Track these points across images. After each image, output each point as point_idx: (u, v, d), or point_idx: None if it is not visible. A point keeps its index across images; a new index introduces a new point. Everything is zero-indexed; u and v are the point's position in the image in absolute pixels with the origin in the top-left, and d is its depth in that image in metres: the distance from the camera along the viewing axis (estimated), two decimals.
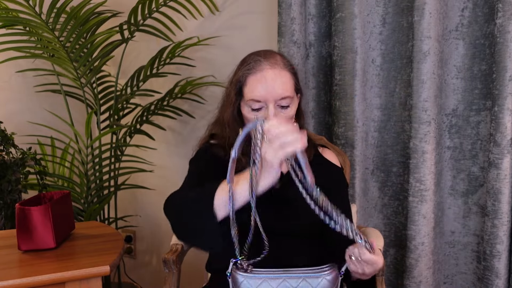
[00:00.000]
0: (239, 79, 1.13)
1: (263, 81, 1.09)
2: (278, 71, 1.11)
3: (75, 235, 1.34)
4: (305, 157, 0.90)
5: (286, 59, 1.17)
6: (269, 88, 1.09)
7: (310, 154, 1.22)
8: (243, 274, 0.99)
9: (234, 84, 1.15)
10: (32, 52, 1.85)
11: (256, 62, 1.12)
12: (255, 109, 1.11)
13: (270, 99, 1.09)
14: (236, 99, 1.15)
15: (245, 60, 1.16)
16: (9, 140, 1.74)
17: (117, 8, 2.03)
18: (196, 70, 2.08)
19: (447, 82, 1.54)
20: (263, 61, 1.12)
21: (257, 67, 1.11)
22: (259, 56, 1.13)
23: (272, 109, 1.10)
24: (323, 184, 1.20)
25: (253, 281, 0.98)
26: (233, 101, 1.15)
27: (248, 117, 1.14)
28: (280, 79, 1.10)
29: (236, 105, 1.16)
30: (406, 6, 1.55)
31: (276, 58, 1.14)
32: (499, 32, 1.37)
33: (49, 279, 1.06)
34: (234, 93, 1.15)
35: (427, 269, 1.55)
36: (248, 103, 1.12)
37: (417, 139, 1.50)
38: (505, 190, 1.41)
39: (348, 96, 1.60)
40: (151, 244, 2.41)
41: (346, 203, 1.26)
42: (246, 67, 1.13)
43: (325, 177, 1.22)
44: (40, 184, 1.82)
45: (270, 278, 0.98)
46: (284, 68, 1.12)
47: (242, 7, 1.97)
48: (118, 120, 2.04)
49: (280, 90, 1.09)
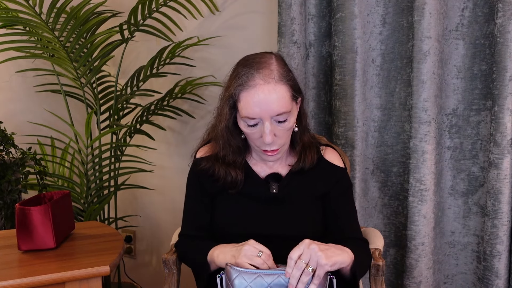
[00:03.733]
0: (232, 95, 1.08)
1: (256, 98, 1.04)
2: (273, 86, 1.05)
3: (75, 235, 1.34)
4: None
5: (282, 66, 1.10)
6: (263, 105, 1.04)
7: (314, 158, 1.21)
8: (237, 269, 0.99)
9: (226, 99, 1.11)
10: (32, 52, 1.85)
11: (248, 76, 1.06)
12: (251, 125, 1.08)
13: (265, 116, 1.05)
14: (231, 113, 1.12)
15: (237, 72, 1.09)
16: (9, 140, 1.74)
17: (117, 8, 2.03)
18: (196, 70, 2.08)
19: (447, 82, 1.54)
20: (256, 74, 1.05)
21: (250, 82, 1.05)
22: (251, 69, 1.06)
23: (268, 126, 1.06)
24: (328, 190, 1.21)
25: (248, 276, 0.98)
26: (227, 116, 1.12)
27: (245, 132, 1.12)
28: (275, 94, 1.04)
29: (231, 119, 1.13)
30: (406, 6, 1.55)
31: (271, 68, 1.07)
32: (499, 32, 1.37)
33: (49, 279, 1.06)
34: (228, 108, 1.11)
35: (427, 269, 1.55)
36: (243, 119, 1.09)
37: (417, 139, 1.50)
38: (505, 190, 1.41)
39: (348, 96, 1.60)
40: (151, 244, 2.41)
41: (351, 205, 1.25)
42: (238, 81, 1.07)
43: (329, 182, 1.22)
44: (40, 184, 1.82)
45: (264, 274, 0.98)
46: (279, 81, 1.06)
47: (242, 7, 1.97)
48: (118, 120, 2.04)
49: (276, 107, 1.05)
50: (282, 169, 1.22)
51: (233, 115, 1.13)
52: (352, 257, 1.02)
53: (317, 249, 0.96)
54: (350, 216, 1.22)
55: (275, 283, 0.98)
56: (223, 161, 1.18)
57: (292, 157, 1.23)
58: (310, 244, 0.97)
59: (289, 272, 0.96)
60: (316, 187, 1.20)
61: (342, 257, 0.99)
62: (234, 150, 1.18)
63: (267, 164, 1.22)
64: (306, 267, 0.95)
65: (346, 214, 1.21)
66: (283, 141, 1.12)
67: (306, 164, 1.19)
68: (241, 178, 1.18)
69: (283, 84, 1.06)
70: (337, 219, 1.20)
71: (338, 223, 1.20)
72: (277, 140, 1.10)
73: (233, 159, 1.18)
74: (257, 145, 1.13)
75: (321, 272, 0.95)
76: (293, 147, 1.22)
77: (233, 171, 1.17)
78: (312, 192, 1.20)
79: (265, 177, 1.20)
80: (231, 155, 1.18)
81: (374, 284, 1.24)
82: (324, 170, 1.22)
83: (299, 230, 1.16)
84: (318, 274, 0.95)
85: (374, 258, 1.24)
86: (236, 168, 1.18)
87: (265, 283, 0.98)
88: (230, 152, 1.18)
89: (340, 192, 1.22)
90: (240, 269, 0.99)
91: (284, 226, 1.17)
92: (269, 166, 1.22)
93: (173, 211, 2.27)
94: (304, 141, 1.21)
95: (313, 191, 1.20)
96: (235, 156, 1.18)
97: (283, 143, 1.13)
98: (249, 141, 1.15)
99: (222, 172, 1.18)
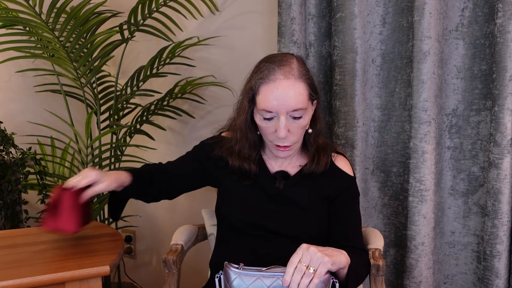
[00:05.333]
0: (252, 87, 1.12)
1: (276, 92, 1.07)
2: (292, 82, 1.08)
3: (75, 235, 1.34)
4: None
5: (302, 66, 1.14)
6: (281, 99, 1.07)
7: (327, 162, 1.22)
8: (237, 271, 0.99)
9: (247, 92, 1.14)
10: (32, 52, 1.85)
11: (270, 71, 1.09)
12: (267, 118, 1.11)
13: (282, 110, 1.08)
14: (249, 106, 1.15)
15: (259, 67, 1.13)
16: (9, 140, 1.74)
17: (117, 8, 2.03)
18: (196, 70, 2.08)
19: (447, 82, 1.54)
20: (277, 69, 1.09)
21: (270, 76, 1.09)
22: (273, 64, 1.10)
23: (283, 121, 1.09)
24: (335, 196, 1.21)
25: (247, 279, 0.98)
26: (246, 109, 1.15)
27: (260, 125, 1.14)
28: (294, 90, 1.08)
29: (249, 112, 1.16)
30: (406, 6, 1.55)
31: (292, 66, 1.11)
32: (499, 32, 1.37)
33: (49, 279, 1.06)
34: (247, 101, 1.14)
35: (427, 269, 1.55)
36: (260, 112, 1.11)
37: (417, 139, 1.50)
38: (505, 190, 1.41)
39: (348, 96, 1.60)
40: (151, 244, 2.41)
41: (357, 215, 1.25)
42: (260, 75, 1.10)
43: (338, 188, 1.22)
44: (40, 184, 1.82)
45: (264, 276, 0.98)
46: (299, 78, 1.09)
47: (242, 7, 1.97)
48: (118, 120, 2.04)
49: (293, 102, 1.07)
50: (291, 169, 1.23)
51: (251, 108, 1.15)
52: (348, 259, 1.02)
53: (316, 250, 0.96)
54: (354, 225, 1.22)
55: (274, 285, 0.97)
56: (238, 155, 1.20)
57: (303, 159, 1.24)
58: (308, 247, 0.96)
59: (287, 280, 0.94)
60: (323, 190, 1.21)
61: (339, 258, 0.99)
62: (251, 144, 1.20)
63: (278, 161, 1.23)
64: (307, 269, 0.95)
65: (350, 223, 1.22)
66: (296, 138, 1.14)
67: (320, 166, 1.20)
68: (255, 171, 1.20)
69: (302, 81, 1.10)
70: (341, 226, 1.20)
71: (341, 230, 1.20)
72: (290, 137, 1.12)
73: (248, 153, 1.20)
74: (270, 140, 1.15)
75: (323, 270, 0.95)
76: (305, 149, 1.23)
77: (247, 164, 1.19)
78: (319, 195, 1.21)
79: (274, 173, 1.22)
80: (247, 150, 1.20)
81: (374, 284, 1.25)
82: (333, 175, 1.23)
83: (301, 231, 1.16)
84: (320, 271, 0.95)
85: (374, 258, 1.25)
86: (251, 162, 1.20)
87: (264, 285, 0.98)
88: (246, 146, 1.20)
89: (347, 200, 1.23)
90: (239, 271, 0.99)
91: (287, 225, 1.17)
92: (279, 164, 1.23)
93: (173, 211, 2.27)
94: (318, 143, 1.22)
95: (320, 194, 1.21)
96: (251, 151, 1.20)
97: (296, 140, 1.15)
98: (263, 135, 1.17)
99: (236, 165, 1.20)
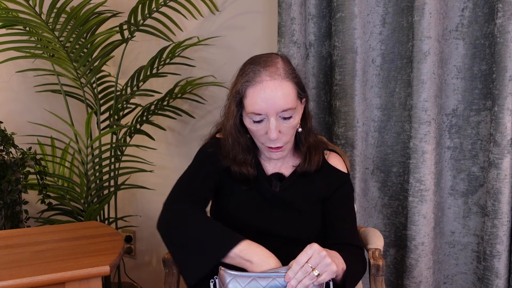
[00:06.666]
0: (239, 91, 1.10)
1: (263, 94, 1.06)
2: (279, 82, 1.07)
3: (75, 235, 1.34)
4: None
5: (288, 65, 1.12)
6: (269, 101, 1.06)
7: (320, 160, 1.21)
8: (231, 273, 0.98)
9: (233, 96, 1.13)
10: (32, 52, 1.85)
11: (255, 72, 1.08)
12: (257, 121, 1.10)
13: (271, 112, 1.07)
14: (237, 110, 1.14)
15: (244, 70, 1.12)
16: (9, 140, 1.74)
17: (117, 8, 2.03)
18: (196, 70, 2.08)
19: (447, 82, 1.54)
20: (262, 71, 1.07)
21: (256, 78, 1.07)
22: (258, 65, 1.09)
23: (273, 122, 1.08)
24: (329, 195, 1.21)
25: (242, 280, 0.97)
26: (234, 113, 1.14)
27: (250, 128, 1.13)
28: (281, 91, 1.06)
29: (238, 116, 1.15)
30: (406, 6, 1.55)
31: (277, 65, 1.09)
32: (499, 32, 1.37)
33: (49, 279, 1.06)
34: (235, 105, 1.13)
35: (427, 269, 1.55)
36: (249, 115, 1.10)
37: (417, 139, 1.50)
38: (505, 190, 1.41)
39: (348, 96, 1.60)
40: (151, 244, 2.41)
41: (351, 211, 1.25)
42: (245, 77, 1.09)
43: (332, 187, 1.22)
44: (40, 184, 1.82)
45: (259, 277, 0.98)
46: (285, 78, 1.08)
47: (242, 7, 1.97)
48: (118, 120, 2.04)
49: (281, 103, 1.06)
50: (285, 170, 1.22)
51: (239, 112, 1.14)
52: (343, 267, 1.02)
53: (326, 255, 0.96)
54: (348, 221, 1.22)
55: (270, 286, 0.97)
56: (235, 160, 1.19)
57: (296, 158, 1.24)
58: (320, 251, 0.96)
59: (290, 276, 0.95)
60: (318, 190, 1.21)
61: (339, 266, 1.00)
62: (244, 148, 1.19)
63: (272, 163, 1.23)
64: (312, 270, 0.95)
65: (344, 219, 1.21)
66: (287, 139, 1.13)
67: (312, 165, 1.19)
68: (254, 175, 1.19)
69: (288, 81, 1.08)
70: (335, 223, 1.20)
71: (336, 227, 1.20)
72: (282, 137, 1.12)
73: (243, 157, 1.19)
74: (262, 142, 1.14)
75: (326, 278, 0.96)
76: (298, 149, 1.23)
77: (245, 169, 1.18)
78: (314, 195, 1.20)
79: (269, 175, 1.21)
80: (241, 154, 1.19)
81: (374, 284, 1.25)
82: (327, 174, 1.23)
83: (299, 232, 1.16)
84: (323, 278, 0.96)
85: (374, 258, 1.24)
86: (248, 166, 1.19)
87: (260, 285, 0.97)
88: (240, 151, 1.19)
89: (341, 197, 1.22)
90: (234, 272, 0.98)
91: (284, 226, 1.17)
92: (274, 166, 1.23)
93: None
94: (309, 142, 1.22)
95: (315, 194, 1.21)
96: (245, 155, 1.19)
97: (287, 140, 1.14)
98: (254, 138, 1.16)
99: (237, 171, 1.19)
